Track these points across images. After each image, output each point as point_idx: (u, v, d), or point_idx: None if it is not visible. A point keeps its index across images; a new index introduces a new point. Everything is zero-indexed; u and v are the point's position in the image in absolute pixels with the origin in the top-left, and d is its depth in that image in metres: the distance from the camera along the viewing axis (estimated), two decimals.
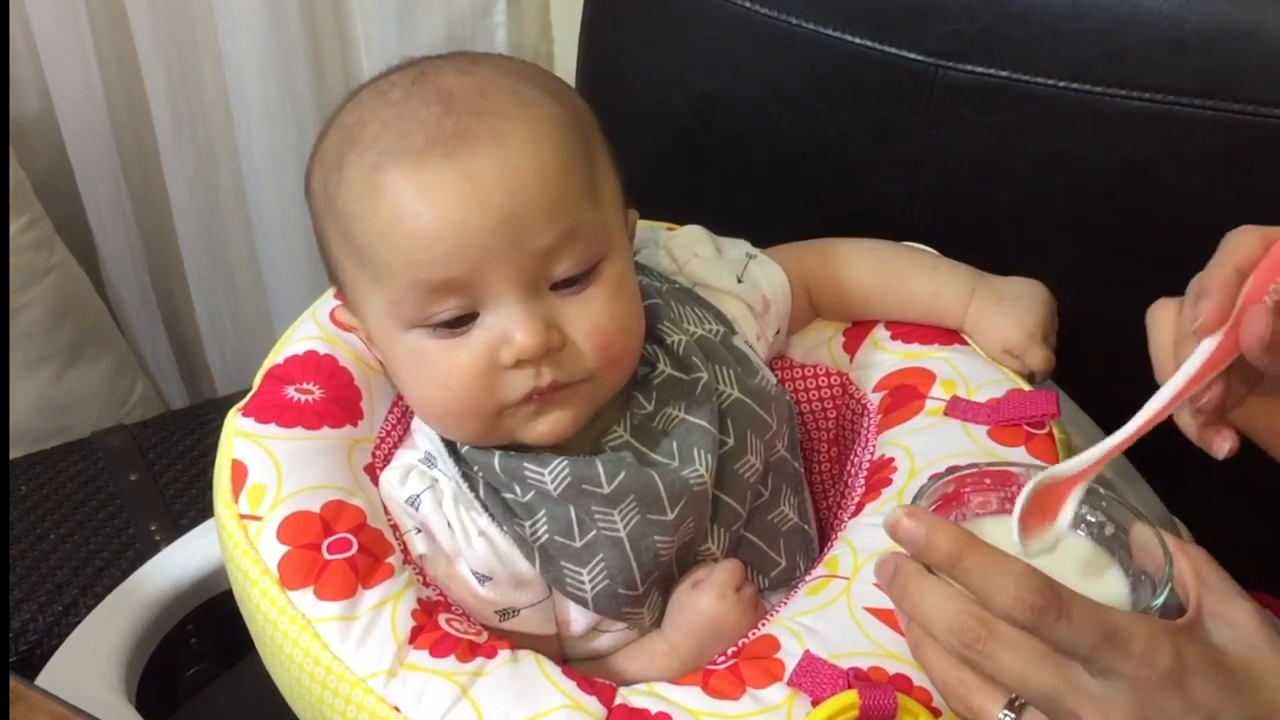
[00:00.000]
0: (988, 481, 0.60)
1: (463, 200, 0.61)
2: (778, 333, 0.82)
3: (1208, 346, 0.55)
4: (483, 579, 0.66)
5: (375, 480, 0.70)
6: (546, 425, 0.66)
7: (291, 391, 0.72)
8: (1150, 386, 0.62)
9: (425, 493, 0.67)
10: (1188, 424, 0.59)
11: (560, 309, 0.64)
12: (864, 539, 0.67)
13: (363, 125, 0.64)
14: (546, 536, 0.66)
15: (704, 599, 0.67)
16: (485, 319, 0.64)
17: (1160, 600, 0.53)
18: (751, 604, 0.68)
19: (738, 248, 0.82)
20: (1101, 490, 0.59)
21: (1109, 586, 0.56)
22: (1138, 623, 0.49)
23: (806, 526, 0.75)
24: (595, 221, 0.65)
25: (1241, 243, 0.55)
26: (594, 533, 0.66)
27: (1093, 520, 0.59)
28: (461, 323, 0.64)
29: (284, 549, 0.64)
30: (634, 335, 0.68)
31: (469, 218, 0.61)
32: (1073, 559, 0.58)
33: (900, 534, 0.52)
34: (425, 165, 0.61)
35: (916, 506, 0.55)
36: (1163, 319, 0.59)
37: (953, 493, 0.59)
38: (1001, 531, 0.59)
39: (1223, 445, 0.58)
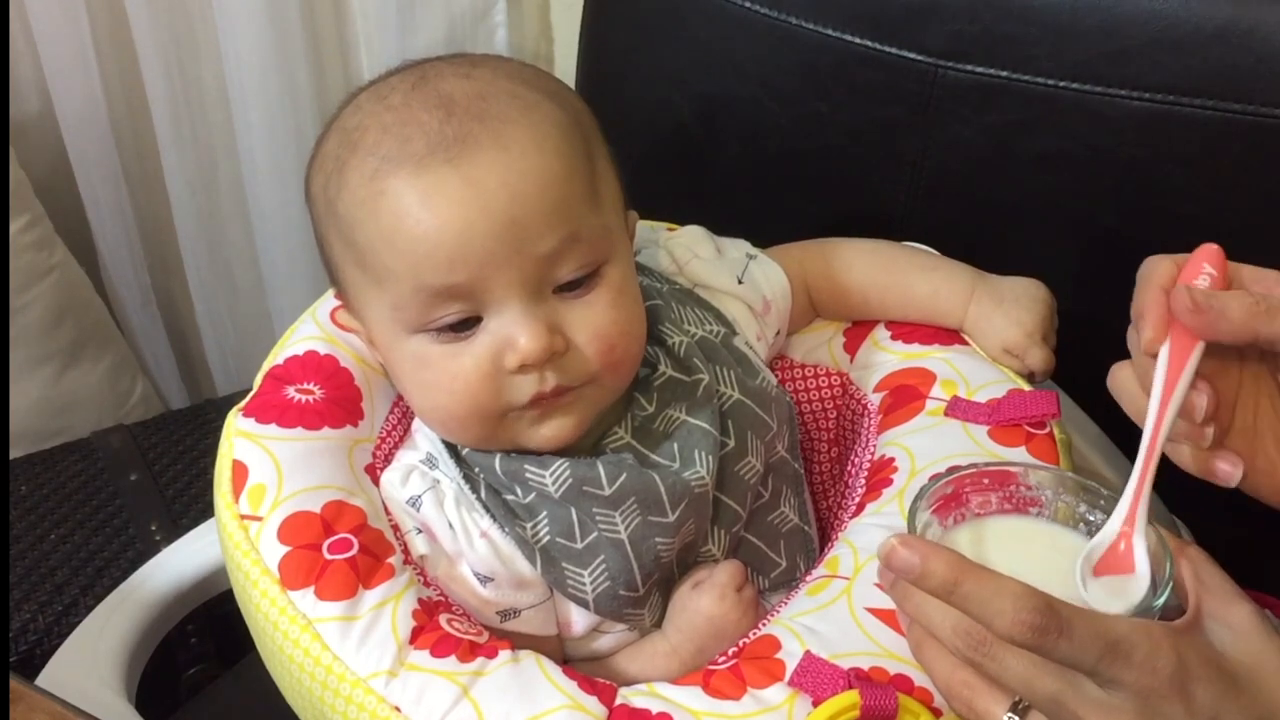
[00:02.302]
0: (986, 481, 0.60)
1: (465, 206, 0.61)
2: (778, 333, 0.82)
3: (1164, 354, 0.57)
4: (484, 580, 0.66)
5: (376, 480, 0.70)
6: (550, 430, 0.66)
7: (292, 392, 0.72)
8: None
9: (427, 494, 0.67)
10: (1188, 460, 0.60)
11: (563, 313, 0.64)
12: (864, 539, 0.67)
13: (363, 130, 0.64)
14: (548, 538, 0.66)
15: (704, 600, 0.67)
16: (489, 323, 0.64)
17: (1161, 600, 0.53)
18: (752, 605, 0.68)
19: (738, 248, 0.82)
20: (1103, 490, 0.59)
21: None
22: (1138, 630, 0.49)
23: (806, 527, 0.75)
24: (597, 225, 0.65)
25: (1157, 269, 0.60)
26: (595, 534, 0.66)
27: (1093, 520, 0.59)
28: (465, 327, 0.64)
29: (284, 549, 0.64)
30: (636, 339, 0.68)
31: (472, 223, 0.61)
32: (1072, 559, 0.58)
33: (895, 563, 0.52)
34: (427, 171, 0.61)
35: (909, 534, 0.54)
36: (1123, 378, 0.61)
37: (953, 493, 0.59)
38: (1003, 532, 0.59)
39: (1230, 471, 0.59)
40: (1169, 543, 0.56)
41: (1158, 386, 0.57)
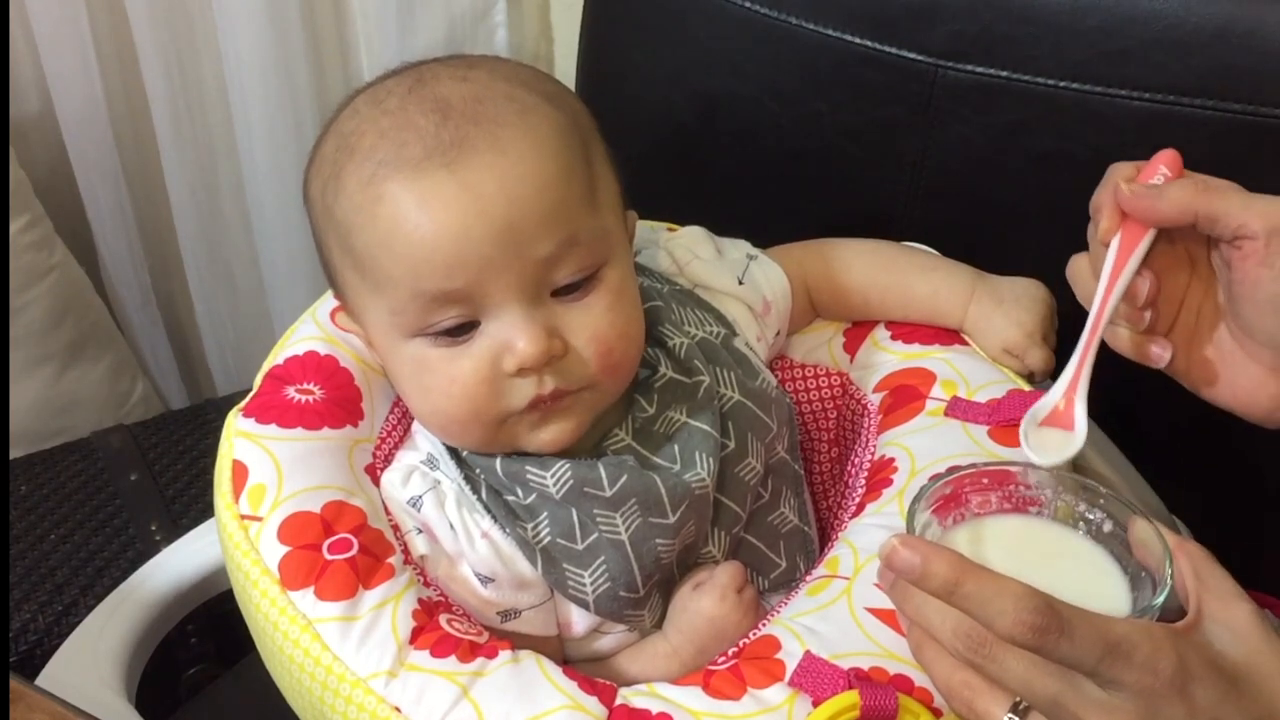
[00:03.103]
0: (985, 481, 0.60)
1: (463, 211, 0.61)
2: (778, 334, 0.82)
3: (1116, 242, 0.64)
4: (485, 580, 0.66)
5: (376, 481, 0.70)
6: (550, 434, 0.66)
7: (292, 392, 0.72)
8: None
9: (427, 494, 0.67)
10: (1124, 344, 0.66)
11: (562, 316, 0.64)
12: (864, 539, 0.67)
13: (360, 135, 0.64)
14: (549, 539, 0.66)
15: (705, 601, 0.67)
16: (487, 327, 0.64)
17: (1160, 600, 0.53)
18: (752, 605, 0.68)
19: (738, 249, 0.82)
20: (1102, 489, 0.59)
21: (1108, 585, 0.56)
22: (1139, 631, 0.49)
23: (806, 528, 0.75)
24: (595, 228, 0.65)
25: (1118, 169, 0.66)
26: (596, 535, 0.66)
27: (1091, 518, 0.59)
28: (463, 331, 0.64)
29: (284, 549, 0.64)
30: (635, 341, 0.68)
31: (470, 228, 0.61)
32: (1071, 558, 0.58)
33: (896, 563, 0.52)
34: (424, 176, 0.61)
35: (910, 535, 0.54)
36: (1079, 267, 0.67)
37: (952, 493, 0.59)
38: (1002, 531, 0.59)
39: (1160, 354, 0.66)
40: (1169, 542, 0.56)
41: (1106, 269, 0.64)
